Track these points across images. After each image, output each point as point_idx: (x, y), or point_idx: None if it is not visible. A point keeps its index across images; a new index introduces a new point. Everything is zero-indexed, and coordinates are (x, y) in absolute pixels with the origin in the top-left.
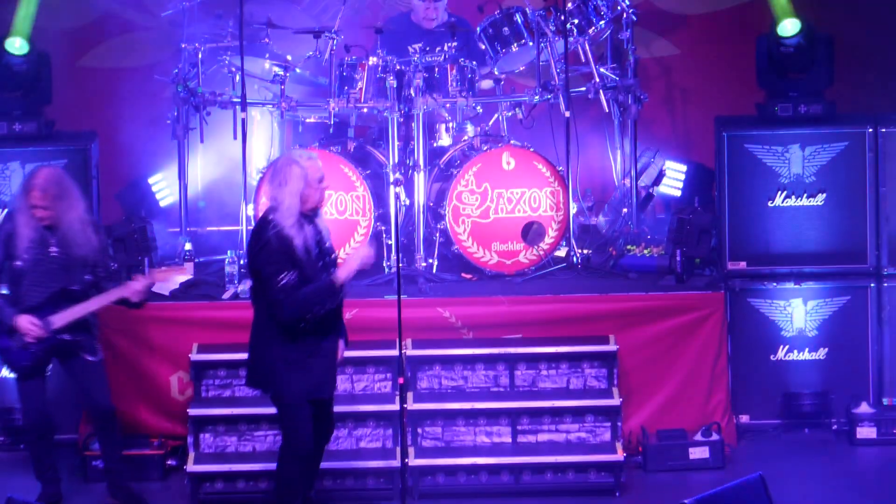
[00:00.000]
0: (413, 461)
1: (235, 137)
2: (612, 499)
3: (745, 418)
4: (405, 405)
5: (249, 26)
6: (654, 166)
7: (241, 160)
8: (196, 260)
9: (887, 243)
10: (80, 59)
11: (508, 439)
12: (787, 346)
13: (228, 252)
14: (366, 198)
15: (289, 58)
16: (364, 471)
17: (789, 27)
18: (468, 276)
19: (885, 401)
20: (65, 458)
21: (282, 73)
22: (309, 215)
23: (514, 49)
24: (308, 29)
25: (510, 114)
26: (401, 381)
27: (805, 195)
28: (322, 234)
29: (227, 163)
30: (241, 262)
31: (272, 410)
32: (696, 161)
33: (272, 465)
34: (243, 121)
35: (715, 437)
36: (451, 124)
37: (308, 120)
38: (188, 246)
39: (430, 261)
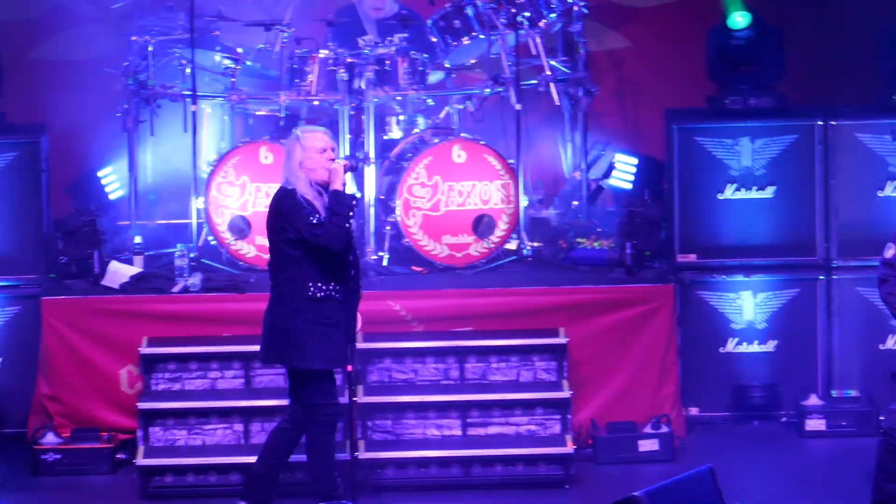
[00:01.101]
0: (363, 454)
1: (186, 130)
2: (562, 491)
3: (694, 410)
4: (355, 398)
5: (200, 19)
6: (604, 159)
7: (192, 153)
8: (146, 253)
9: (837, 236)
10: (30, 52)
11: (458, 432)
12: (736, 339)
13: (178, 245)
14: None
15: (239, 50)
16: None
17: (740, 20)
18: (419, 269)
19: (835, 393)
20: (13, 452)
21: (232, 65)
22: (325, 188)
23: (465, 42)
24: (259, 21)
25: (461, 107)
26: (349, 368)
27: (755, 188)
28: None
29: (177, 156)
30: (192, 255)
31: (222, 404)
32: (646, 154)
33: (221, 459)
34: (194, 114)
35: (664, 429)
36: (401, 117)
37: (259, 113)
38: (138, 239)
39: (381, 254)
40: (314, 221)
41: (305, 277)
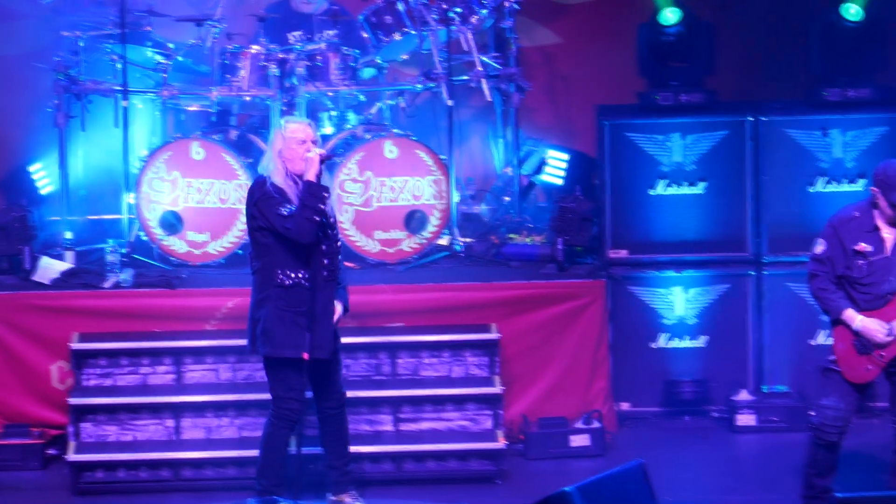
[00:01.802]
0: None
1: (117, 126)
2: (493, 486)
3: (625, 406)
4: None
5: (131, 14)
6: (535, 155)
7: (123, 149)
8: (77, 249)
9: (767, 231)
10: None
11: (390, 427)
12: (667, 334)
13: (109, 241)
14: (248, 186)
15: (171, 46)
16: (248, 460)
17: (670, 16)
18: (350, 265)
19: (765, 388)
20: None
21: (164, 61)
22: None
23: (396, 37)
24: (190, 17)
25: (393, 102)
26: (305, 356)
27: (686, 183)
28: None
29: (108, 151)
30: (123, 251)
31: (153, 399)
32: (577, 149)
33: (152, 455)
34: (125, 109)
35: (596, 424)
36: (333, 113)
37: (190, 108)
38: (69, 234)
39: None
40: (284, 213)
41: (276, 265)
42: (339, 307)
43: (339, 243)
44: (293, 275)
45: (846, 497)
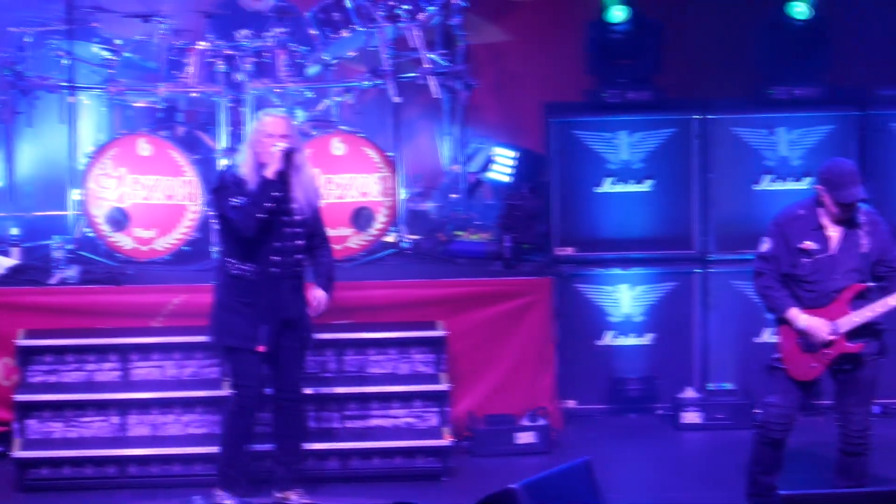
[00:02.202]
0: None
1: (63, 122)
2: (439, 484)
3: (571, 403)
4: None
5: (78, 10)
6: (483, 152)
7: (69, 145)
8: (23, 245)
9: (713, 229)
10: None
11: (337, 424)
12: (613, 332)
13: (56, 237)
14: (195, 183)
15: (118, 42)
16: (192, 457)
17: (618, 14)
18: None
19: (710, 386)
20: None
21: (111, 57)
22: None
23: (344, 34)
24: (137, 13)
25: (340, 99)
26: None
27: (632, 181)
28: (290, 195)
29: (54, 147)
30: (69, 247)
31: (99, 396)
32: (525, 147)
33: (98, 451)
34: (71, 105)
35: (542, 421)
36: (283, 109)
37: (137, 104)
38: (14, 231)
39: None
40: (234, 204)
41: (227, 253)
42: (319, 293)
43: (300, 241)
44: (239, 266)
45: (791, 495)
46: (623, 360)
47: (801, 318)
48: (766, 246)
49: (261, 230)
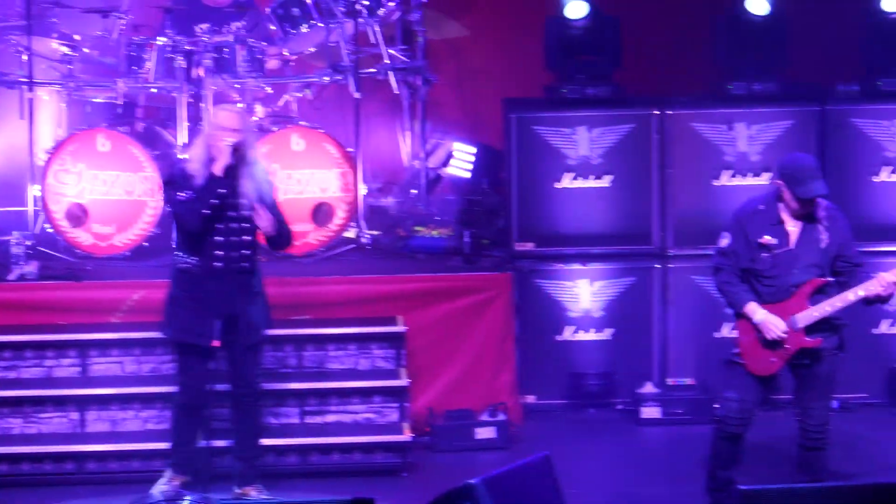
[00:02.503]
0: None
1: (22, 117)
2: (399, 479)
3: (531, 398)
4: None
5: (37, 5)
6: (442, 148)
7: (28, 140)
8: None
9: (672, 225)
10: None
11: (296, 420)
12: (573, 327)
13: (14, 233)
14: (154, 178)
15: (76, 37)
16: (151, 453)
17: (577, 9)
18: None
19: (670, 381)
20: None
21: (69, 52)
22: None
23: (303, 30)
24: (96, 8)
25: (300, 94)
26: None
27: (592, 177)
28: (238, 190)
29: (13, 143)
30: (28, 243)
31: (58, 392)
32: (484, 143)
33: (57, 447)
34: (30, 101)
35: (501, 417)
36: (240, 105)
37: (96, 100)
38: None
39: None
40: (180, 198)
41: (177, 246)
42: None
43: (247, 237)
44: (186, 259)
45: (749, 489)
46: (582, 356)
47: (758, 312)
48: (725, 241)
49: (206, 225)
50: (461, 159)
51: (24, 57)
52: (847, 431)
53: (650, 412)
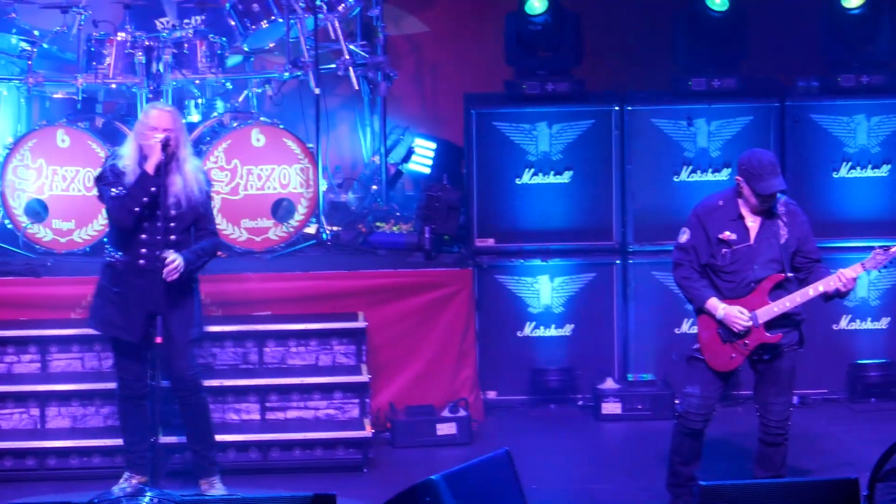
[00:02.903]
0: (162, 438)
1: None
2: (360, 475)
3: (492, 394)
4: (153, 382)
5: None
6: (403, 143)
7: None
8: None
9: (633, 220)
10: None
11: (257, 416)
12: (533, 323)
13: None
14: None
15: (36, 33)
16: (114, 449)
17: (537, 5)
18: (217, 253)
19: (630, 377)
20: None
21: (29, 48)
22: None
23: (264, 25)
24: (55, 3)
25: (260, 90)
26: (158, 340)
27: (552, 172)
28: (168, 189)
29: None
30: None
31: (18, 388)
32: (445, 138)
33: (17, 444)
34: None
35: (462, 413)
36: (200, 101)
37: (55, 96)
38: None
39: None
40: (112, 194)
41: (108, 240)
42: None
43: (173, 236)
44: (112, 253)
45: (710, 485)
46: (543, 351)
47: (719, 308)
48: (684, 237)
49: (137, 222)
50: (422, 155)
51: None
52: (807, 427)
53: (611, 408)
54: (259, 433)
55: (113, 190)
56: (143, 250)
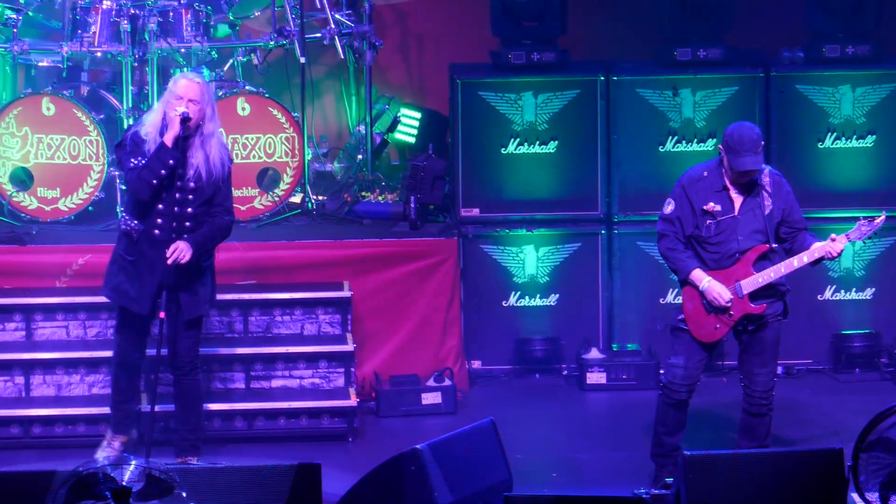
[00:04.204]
0: (146, 407)
1: None
2: (345, 444)
3: (477, 364)
4: (152, 351)
5: None
6: (388, 113)
7: None
8: None
9: (618, 191)
10: None
11: (242, 385)
12: (518, 293)
13: None
14: (99, 142)
15: (21, 1)
16: (98, 417)
17: None
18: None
19: (615, 347)
20: None
21: (14, 16)
22: (182, 140)
23: None
24: None
25: (246, 59)
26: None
27: (538, 142)
28: (189, 162)
29: None
30: None
31: (3, 356)
32: (430, 108)
33: (2, 412)
34: None
35: (447, 382)
36: (185, 69)
37: (41, 64)
38: None
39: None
40: (132, 165)
41: (125, 207)
42: (180, 242)
43: (190, 209)
44: (129, 221)
45: (694, 455)
46: (528, 321)
47: (703, 280)
48: (669, 207)
49: (154, 194)
50: (407, 124)
51: None
52: (791, 397)
53: (595, 378)
54: (244, 402)
55: (132, 161)
56: (160, 220)
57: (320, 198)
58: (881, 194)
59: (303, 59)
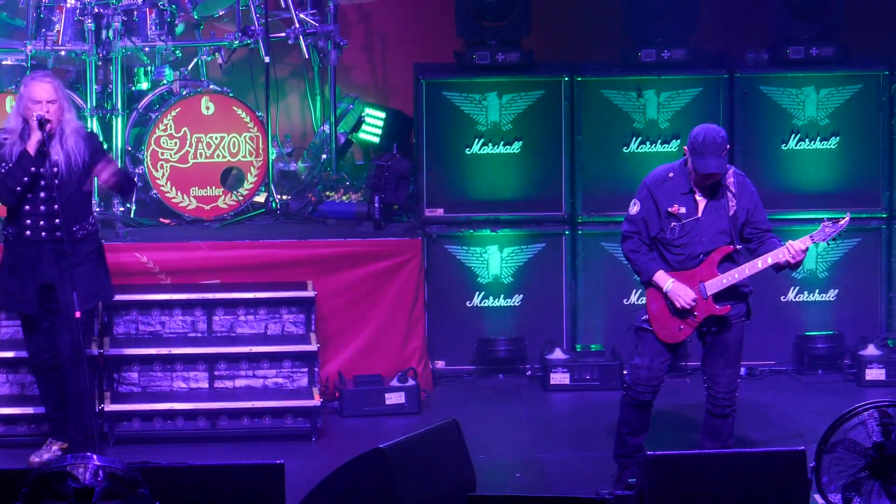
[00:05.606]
0: (109, 406)
1: None
2: (309, 444)
3: (440, 364)
4: (101, 350)
5: None
6: (352, 113)
7: None
8: None
9: (582, 191)
10: None
11: (205, 385)
12: (482, 293)
13: None
14: None
15: None
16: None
17: None
18: (166, 221)
19: (579, 347)
20: None
21: None
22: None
23: None
24: None
25: (210, 58)
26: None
27: (502, 143)
28: (50, 161)
29: None
30: None
31: None
32: (395, 108)
33: None
34: None
35: (411, 382)
36: (149, 68)
37: (5, 62)
38: None
39: (128, 205)
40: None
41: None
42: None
43: (59, 207)
44: (6, 227)
45: (658, 455)
46: (492, 322)
47: (667, 281)
48: (635, 209)
49: (20, 199)
50: (371, 124)
51: None
52: (754, 398)
53: (559, 378)
54: (207, 402)
55: None
56: (29, 221)
57: (284, 197)
58: (845, 196)
59: (267, 59)
